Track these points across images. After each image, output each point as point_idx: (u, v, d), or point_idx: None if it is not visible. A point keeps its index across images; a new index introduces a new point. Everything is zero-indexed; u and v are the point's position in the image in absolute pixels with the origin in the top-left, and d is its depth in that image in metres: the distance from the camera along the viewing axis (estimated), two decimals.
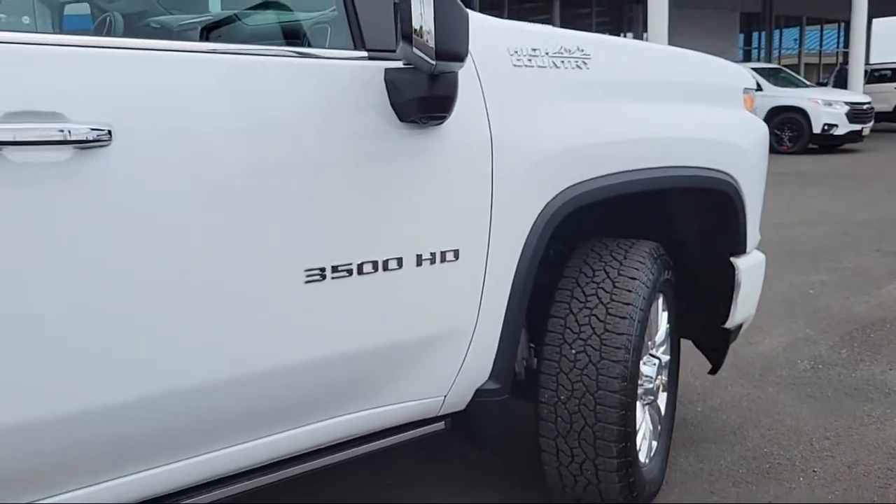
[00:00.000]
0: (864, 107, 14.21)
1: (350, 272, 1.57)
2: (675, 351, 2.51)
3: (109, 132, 1.27)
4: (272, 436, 1.59)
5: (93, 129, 1.25)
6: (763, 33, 24.88)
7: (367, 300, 1.61)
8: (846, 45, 20.60)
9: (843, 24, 24.22)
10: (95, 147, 1.26)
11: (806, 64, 27.45)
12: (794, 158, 13.12)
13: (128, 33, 2.00)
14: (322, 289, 1.54)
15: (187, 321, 1.38)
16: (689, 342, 2.75)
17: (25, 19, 2.07)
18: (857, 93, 15.84)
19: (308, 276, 1.52)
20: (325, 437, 1.69)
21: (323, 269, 1.53)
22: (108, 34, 2.01)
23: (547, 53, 1.90)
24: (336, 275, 1.55)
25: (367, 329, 1.64)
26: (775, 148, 14.00)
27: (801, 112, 13.83)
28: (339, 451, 1.74)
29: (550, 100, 1.89)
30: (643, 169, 2.07)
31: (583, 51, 1.98)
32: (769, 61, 23.71)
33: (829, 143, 14.05)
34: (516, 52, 1.84)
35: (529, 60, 1.85)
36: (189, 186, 1.37)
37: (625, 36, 22.31)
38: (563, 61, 1.93)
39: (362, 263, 1.58)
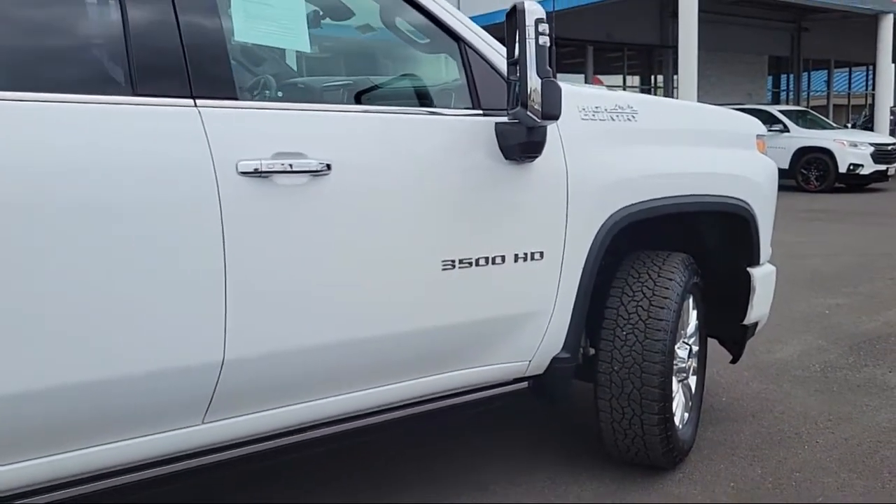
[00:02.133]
0: (889, 148, 14.69)
1: (470, 264, 2.25)
2: (703, 343, 3.13)
3: (329, 165, 1.97)
4: (414, 380, 2.26)
5: (320, 164, 1.96)
6: (792, 76, 25.45)
7: (481, 285, 2.29)
8: (874, 87, 21.11)
9: (870, 67, 24.72)
10: (321, 175, 1.96)
11: (835, 105, 27.93)
12: (821, 196, 13.63)
13: (282, 91, 2.69)
14: (452, 275, 2.22)
15: (375, 291, 2.08)
16: (716, 351, 3.36)
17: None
18: (882, 135, 16.33)
19: (443, 265, 2.20)
20: (448, 385, 2.36)
21: (453, 261, 2.22)
22: (265, 91, 2.65)
23: (606, 110, 2.59)
24: (461, 266, 2.24)
25: (481, 305, 2.31)
26: (803, 187, 14.56)
27: (828, 152, 14.35)
28: (456, 398, 2.40)
29: (608, 144, 2.58)
30: (677, 196, 2.74)
31: (632, 108, 2.67)
32: (798, 103, 24.26)
33: (855, 182, 14.51)
34: (584, 109, 2.53)
35: (593, 115, 2.55)
36: (373, 200, 2.07)
37: (655, 79, 23.05)
38: (617, 115, 2.62)
39: (478, 258, 2.27)
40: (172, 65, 1.81)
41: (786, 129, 14.89)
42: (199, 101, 1.83)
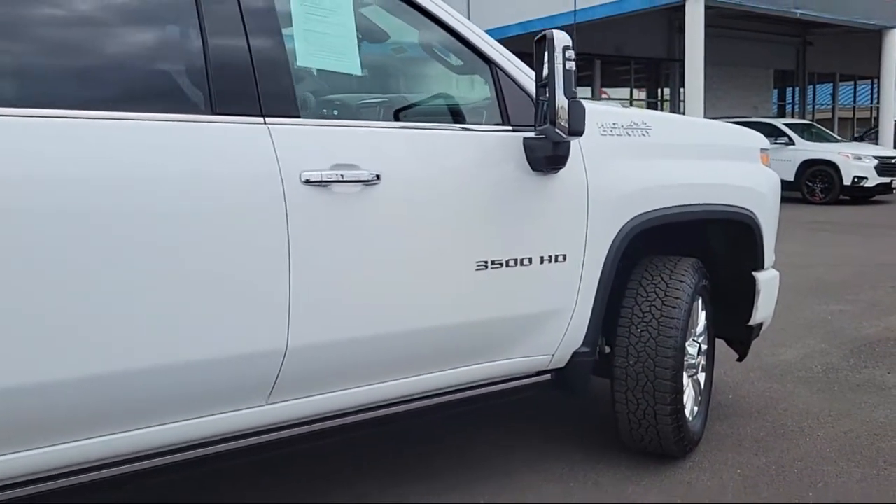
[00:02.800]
0: (893, 160, 14.90)
1: (501, 265, 2.49)
2: (711, 342, 3.36)
3: (378, 176, 2.22)
4: (450, 370, 2.50)
5: (371, 174, 2.21)
6: (797, 89, 25.70)
7: (511, 284, 2.53)
8: (879, 100, 21.36)
9: (875, 81, 24.96)
10: (372, 185, 2.21)
11: (840, 118, 28.15)
12: (826, 209, 13.84)
13: (338, 109, 2.90)
14: (485, 275, 2.46)
15: (417, 289, 2.32)
16: (724, 353, 3.59)
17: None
18: (886, 148, 16.53)
19: (477, 266, 2.45)
20: (480, 376, 2.60)
21: (486, 262, 2.46)
22: (323, 109, 2.90)
23: (622, 126, 2.83)
24: (493, 266, 2.48)
25: (510, 302, 2.55)
26: (808, 199, 14.78)
27: (832, 165, 14.58)
28: (485, 387, 2.64)
29: (624, 157, 2.82)
30: (687, 205, 2.98)
31: (646, 124, 2.92)
32: (803, 116, 24.51)
33: (859, 194, 14.72)
34: (602, 125, 2.77)
35: (611, 131, 2.79)
36: (416, 206, 2.32)
37: (662, 92, 23.32)
38: (632, 131, 2.87)
39: (508, 260, 2.51)
40: (245, 87, 2.07)
41: (791, 142, 15.12)
42: (268, 119, 2.09)
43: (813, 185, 14.84)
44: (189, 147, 1.95)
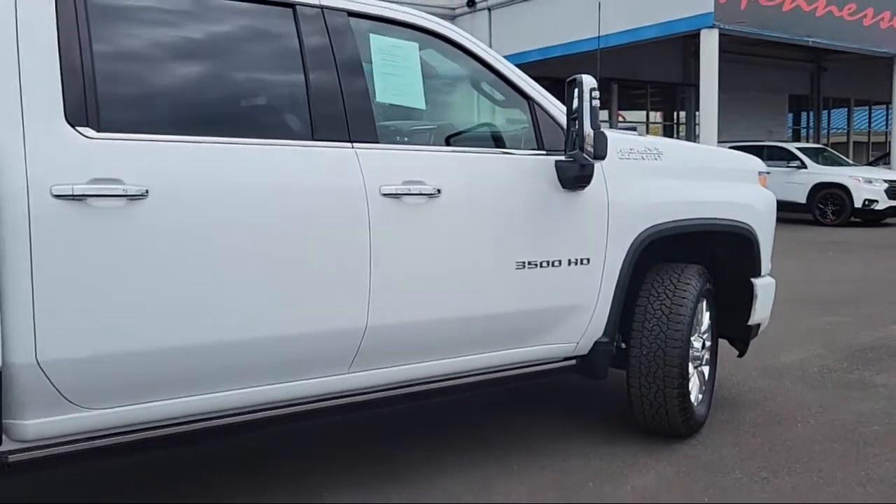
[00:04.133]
0: None
1: (537, 265, 3.02)
2: (714, 340, 3.85)
3: (439, 190, 2.76)
4: (494, 352, 3.02)
5: (434, 188, 2.74)
6: (812, 113, 26.12)
7: (544, 281, 3.05)
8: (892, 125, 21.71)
9: (889, 106, 25.34)
10: (434, 197, 2.75)
11: (855, 143, 28.48)
12: (837, 230, 14.25)
13: (407, 136, 3.41)
14: (523, 273, 2.99)
15: (467, 282, 2.85)
16: (729, 356, 4.07)
17: None
18: None
19: (517, 265, 2.97)
20: (517, 358, 3.11)
21: (524, 262, 2.98)
22: (396, 136, 3.42)
23: (638, 151, 3.36)
24: (529, 266, 3.00)
25: (543, 296, 3.07)
26: (820, 221, 15.19)
27: (843, 188, 14.99)
28: (521, 369, 3.15)
29: (639, 178, 3.34)
30: (693, 219, 3.49)
31: (658, 149, 3.44)
32: (818, 141, 24.90)
33: (870, 217, 15.11)
34: (621, 151, 3.30)
35: (628, 156, 3.32)
36: (468, 215, 2.85)
37: (678, 115, 23.82)
38: (646, 156, 3.39)
39: (542, 261, 3.03)
40: (338, 120, 2.62)
41: (803, 166, 15.57)
42: (355, 144, 2.63)
43: (825, 208, 15.25)
44: (300, 164, 2.51)
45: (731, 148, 15.38)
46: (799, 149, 16.35)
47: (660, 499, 2.96)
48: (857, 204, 14.88)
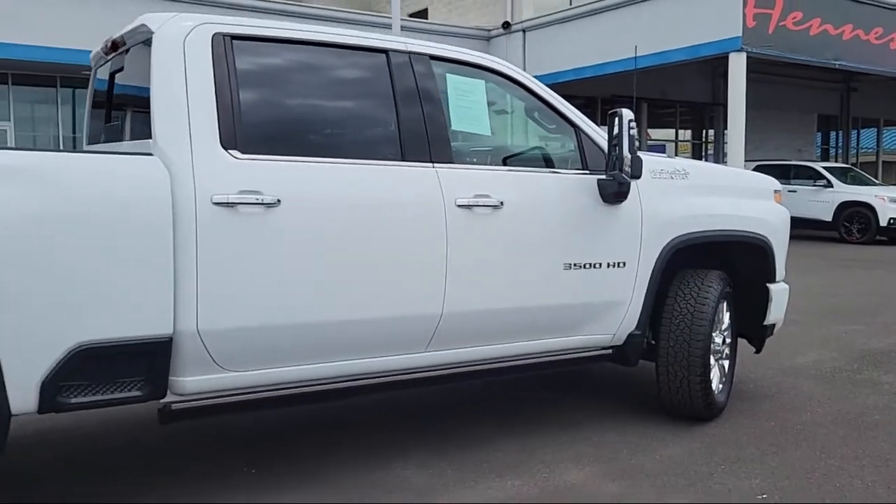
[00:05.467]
0: None
1: (581, 267, 3.59)
2: (734, 337, 4.38)
3: (502, 203, 3.35)
4: (545, 339, 3.59)
5: (498, 201, 3.34)
6: (841, 133, 26.36)
7: (587, 280, 3.62)
8: None
9: None
10: (498, 208, 3.34)
11: (884, 162, 28.63)
12: (862, 248, 14.59)
13: (476, 157, 3.98)
14: (569, 273, 3.56)
15: (524, 278, 3.43)
16: (749, 357, 4.60)
17: None
18: None
19: (564, 266, 3.55)
20: (562, 346, 3.68)
21: (570, 264, 3.56)
22: (467, 157, 4.01)
23: (668, 171, 3.92)
24: (575, 267, 3.58)
25: (586, 293, 3.64)
26: (845, 238, 15.54)
27: (869, 207, 15.33)
28: (565, 355, 3.72)
29: (668, 194, 3.90)
30: (715, 230, 4.05)
31: (686, 170, 4.01)
32: (847, 160, 25.14)
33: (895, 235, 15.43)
34: (652, 171, 3.86)
35: (659, 175, 3.88)
36: (524, 223, 3.43)
37: (706, 133, 24.23)
38: (675, 175, 3.95)
39: (585, 263, 3.61)
40: (422, 144, 3.22)
41: (829, 185, 15.94)
42: (435, 164, 3.24)
43: (850, 226, 15.59)
44: (393, 180, 3.12)
45: (757, 166, 15.87)
46: (825, 168, 16.72)
47: (683, 466, 3.49)
48: (883, 222, 15.19)
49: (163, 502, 3.03)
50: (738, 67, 14.40)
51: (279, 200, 2.83)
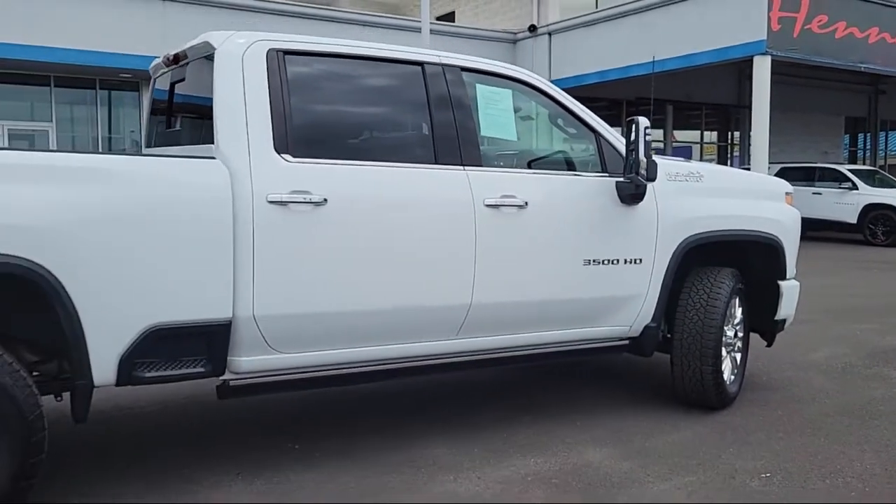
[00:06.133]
0: None
1: (599, 263, 3.87)
2: (746, 331, 4.62)
3: (527, 203, 3.64)
4: (566, 329, 3.88)
5: (523, 201, 3.63)
6: (869, 135, 26.23)
7: (605, 275, 3.91)
8: None
9: None
10: (523, 208, 3.63)
11: None
12: (886, 250, 14.64)
13: (502, 161, 4.29)
14: (589, 269, 3.85)
15: (545, 273, 3.72)
16: (763, 353, 4.84)
17: None
18: None
19: (584, 262, 3.84)
20: (583, 336, 3.97)
21: (590, 260, 3.85)
22: (494, 161, 4.31)
23: (683, 174, 4.19)
24: (594, 263, 3.86)
25: (604, 287, 3.92)
26: (870, 241, 15.59)
27: (894, 210, 15.36)
28: (585, 344, 4.00)
29: (683, 196, 4.17)
30: (727, 230, 4.30)
31: (700, 173, 4.27)
32: (874, 163, 25.04)
33: None
34: (668, 174, 4.13)
35: (675, 178, 4.15)
36: (547, 221, 3.72)
37: (732, 135, 24.29)
38: (689, 178, 4.22)
39: (604, 259, 3.89)
40: (453, 148, 3.53)
41: (854, 187, 15.99)
42: (466, 167, 3.54)
43: (875, 228, 15.64)
44: (427, 181, 3.43)
45: (782, 169, 15.98)
46: (851, 170, 16.76)
47: (693, 448, 3.76)
48: None
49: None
50: (762, 71, 14.52)
51: (326, 199, 3.15)
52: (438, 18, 22.77)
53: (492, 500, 3.18)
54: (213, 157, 3.04)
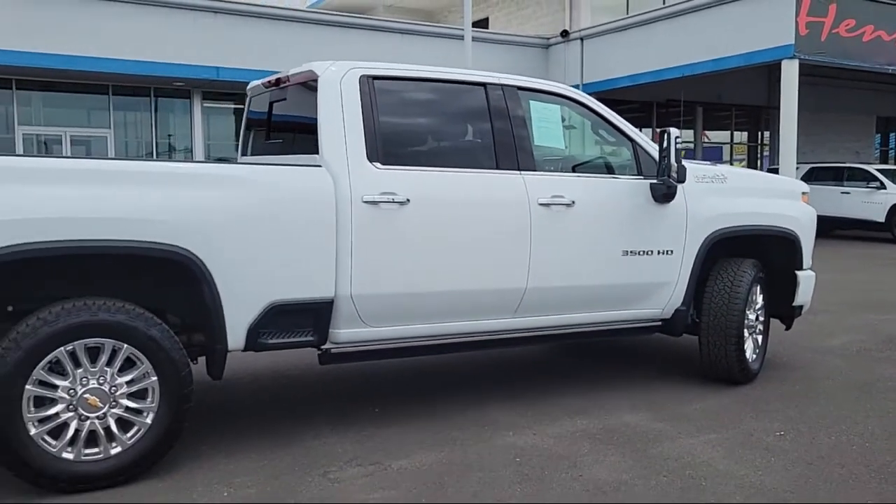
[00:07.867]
0: None
1: (636, 253, 4.49)
2: (767, 317, 5.19)
3: (574, 202, 4.27)
4: (606, 311, 4.50)
5: (570, 200, 4.26)
6: None
7: (641, 264, 4.52)
8: None
9: None
10: (570, 206, 4.26)
11: None
12: None
13: (552, 166, 4.91)
14: (627, 259, 4.47)
15: (589, 261, 4.35)
16: (784, 338, 5.40)
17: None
18: None
19: (622, 252, 4.46)
20: (620, 317, 4.59)
21: (627, 251, 4.47)
22: (545, 166, 4.97)
23: (709, 177, 4.79)
24: (631, 254, 4.48)
25: (640, 275, 4.53)
26: None
27: None
28: (622, 324, 4.62)
29: (709, 195, 4.76)
30: (749, 225, 4.89)
31: (724, 176, 4.86)
32: None
33: None
34: (697, 176, 4.73)
35: (702, 180, 4.75)
36: (591, 218, 4.35)
37: (762, 135, 24.60)
38: (715, 180, 4.81)
39: (640, 250, 4.51)
40: (512, 156, 4.16)
41: (882, 187, 16.31)
42: (522, 172, 4.18)
43: None
44: (490, 184, 4.08)
45: (811, 169, 16.42)
46: (879, 170, 17.07)
47: (717, 414, 4.35)
48: None
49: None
50: (790, 74, 14.93)
51: (409, 200, 3.81)
52: (473, 25, 23.43)
53: (546, 450, 3.81)
54: (319, 166, 3.72)
